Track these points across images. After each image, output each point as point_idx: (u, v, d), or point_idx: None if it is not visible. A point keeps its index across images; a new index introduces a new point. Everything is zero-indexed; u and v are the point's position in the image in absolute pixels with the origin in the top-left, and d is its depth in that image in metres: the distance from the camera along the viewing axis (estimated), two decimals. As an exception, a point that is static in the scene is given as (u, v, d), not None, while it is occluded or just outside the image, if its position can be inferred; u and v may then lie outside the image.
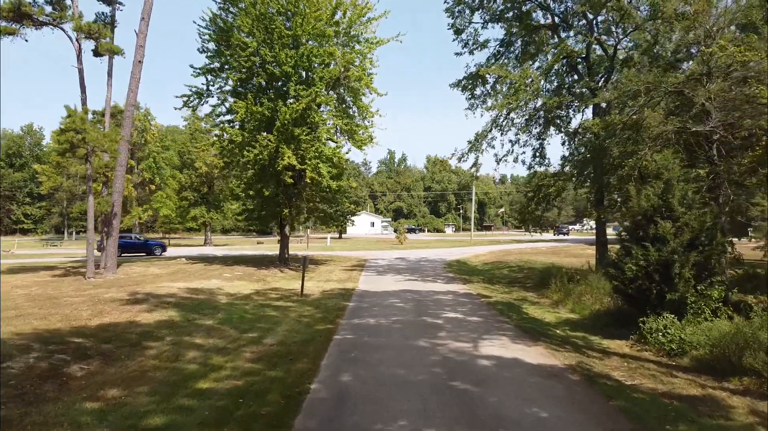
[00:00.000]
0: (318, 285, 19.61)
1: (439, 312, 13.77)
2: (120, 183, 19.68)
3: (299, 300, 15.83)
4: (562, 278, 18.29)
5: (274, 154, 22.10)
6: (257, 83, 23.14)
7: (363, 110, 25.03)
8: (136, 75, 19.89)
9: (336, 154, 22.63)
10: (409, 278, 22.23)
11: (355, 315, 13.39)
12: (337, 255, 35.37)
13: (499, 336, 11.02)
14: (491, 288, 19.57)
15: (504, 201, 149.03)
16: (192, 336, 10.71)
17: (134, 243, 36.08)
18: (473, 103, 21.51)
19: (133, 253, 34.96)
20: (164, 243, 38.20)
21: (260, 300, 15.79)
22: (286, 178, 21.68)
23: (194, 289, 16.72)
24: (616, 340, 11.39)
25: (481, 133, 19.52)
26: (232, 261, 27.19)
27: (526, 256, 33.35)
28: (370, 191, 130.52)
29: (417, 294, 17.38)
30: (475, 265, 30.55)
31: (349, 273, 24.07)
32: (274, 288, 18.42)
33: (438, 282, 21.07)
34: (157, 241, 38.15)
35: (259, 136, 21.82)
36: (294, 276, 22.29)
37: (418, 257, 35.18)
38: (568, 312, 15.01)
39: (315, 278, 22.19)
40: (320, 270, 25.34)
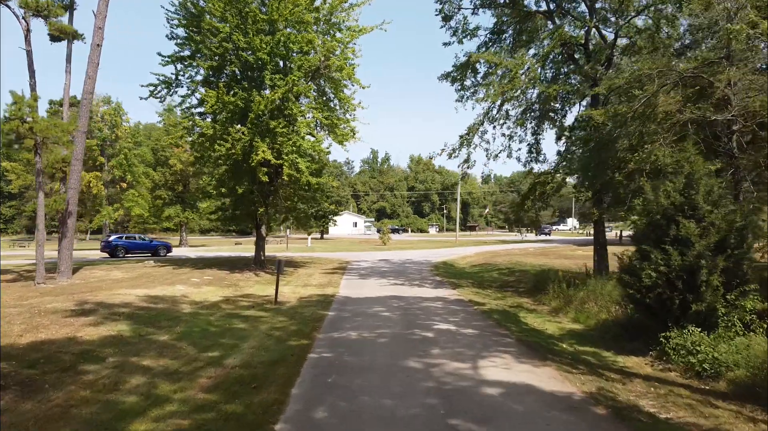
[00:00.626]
0: (295, 291, 17.99)
1: (430, 323, 12.27)
2: (76, 179, 17.81)
3: (273, 309, 14.20)
4: (560, 282, 16.97)
5: (248, 148, 20.40)
6: (230, 72, 21.42)
7: (344, 102, 23.48)
8: (94, 59, 18.05)
9: (316, 149, 21.02)
10: (394, 282, 20.71)
11: (335, 327, 11.83)
12: (317, 257, 33.72)
13: (500, 353, 9.55)
14: (483, 294, 18.15)
15: (488, 201, 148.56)
16: (140, 356, 9.04)
17: (138, 244, 35.22)
18: (463, 94, 20.08)
19: (138, 254, 34.20)
20: (169, 244, 37.08)
21: (228, 309, 14.12)
22: (260, 174, 20.00)
23: (155, 297, 14.97)
24: (632, 356, 10.02)
25: (473, 126, 18.07)
26: (204, 264, 25.39)
27: (515, 258, 32.08)
28: (353, 191, 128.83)
29: (403, 301, 15.87)
30: (463, 267, 29.16)
31: (330, 277, 22.47)
32: (246, 295, 16.75)
33: (425, 286, 19.59)
34: (162, 241, 37.09)
35: (231, 128, 20.10)
36: (270, 281, 20.62)
37: (402, 259, 33.70)
38: (571, 321, 13.64)
39: (292, 283, 20.56)
40: (299, 274, 23.69)
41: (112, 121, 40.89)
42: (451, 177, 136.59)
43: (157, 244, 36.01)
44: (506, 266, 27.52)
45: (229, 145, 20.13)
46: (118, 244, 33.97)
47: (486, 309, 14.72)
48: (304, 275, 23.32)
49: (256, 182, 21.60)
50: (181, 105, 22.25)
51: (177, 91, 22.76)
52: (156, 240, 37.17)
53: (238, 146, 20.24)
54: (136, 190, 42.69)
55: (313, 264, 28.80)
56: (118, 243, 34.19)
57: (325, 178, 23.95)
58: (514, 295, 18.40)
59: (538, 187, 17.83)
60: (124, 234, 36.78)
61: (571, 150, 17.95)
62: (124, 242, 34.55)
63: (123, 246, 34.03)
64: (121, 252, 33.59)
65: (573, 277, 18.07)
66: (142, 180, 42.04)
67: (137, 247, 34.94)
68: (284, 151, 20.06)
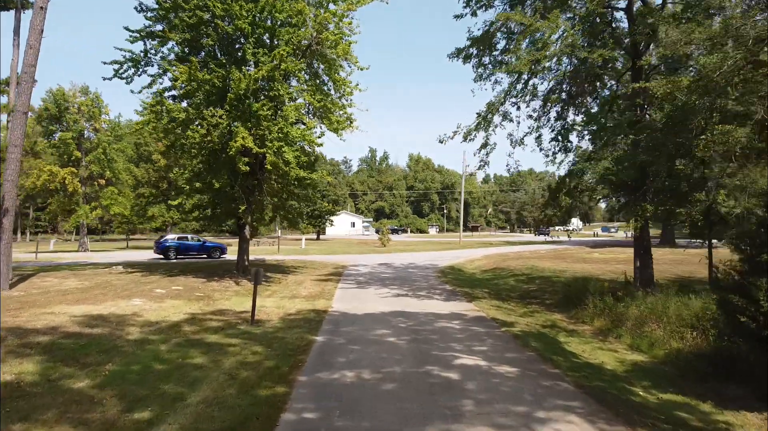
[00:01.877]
0: (280, 305, 14.95)
1: (450, 356, 9.24)
2: (13, 169, 14.68)
3: (247, 333, 11.16)
4: (601, 295, 14.00)
5: (226, 135, 17.37)
6: (207, 46, 18.35)
7: (340, 85, 20.45)
8: (37, 25, 14.97)
9: (306, 138, 17.96)
10: (397, 292, 17.68)
11: (324, 362, 8.79)
12: (311, 261, 30.65)
13: (562, 413, 6.51)
14: (505, 308, 15.13)
15: (488, 201, 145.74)
16: (28, 423, 5.99)
17: (190, 245, 33.50)
18: (482, 72, 17.05)
19: (191, 256, 32.79)
20: (224, 246, 35.17)
21: (190, 332, 11.06)
22: (240, 164, 16.94)
23: (97, 317, 11.89)
24: (746, 413, 7.05)
25: (494, 102, 15.04)
26: (180, 270, 22.32)
27: (529, 261, 29.07)
28: (351, 190, 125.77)
29: (412, 318, 12.85)
30: (473, 273, 26.15)
31: (323, 286, 19.42)
32: (218, 311, 13.70)
33: (435, 298, 16.56)
34: (215, 243, 35.34)
35: (206, 111, 17.03)
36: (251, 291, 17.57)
37: (404, 262, 30.64)
38: (629, 349, 10.64)
39: (278, 293, 17.51)
40: (287, 282, 20.63)
41: (89, 112, 37.73)
42: (451, 176, 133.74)
43: (210, 246, 34.02)
44: (522, 271, 24.51)
45: (204, 130, 17.10)
46: (169, 246, 32.35)
47: (517, 331, 11.68)
48: (293, 283, 20.26)
49: (237, 175, 18.57)
50: (151, 86, 19.14)
51: (146, 71, 19.67)
52: (209, 241, 35.39)
53: (215, 132, 17.22)
54: (116, 188, 39.53)
55: (306, 269, 25.73)
56: (170, 244, 32.58)
57: (318, 172, 20.87)
58: (542, 309, 15.40)
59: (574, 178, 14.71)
60: (177, 235, 35.54)
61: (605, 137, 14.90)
62: (175, 243, 32.93)
63: (174, 247, 32.42)
64: (173, 253, 31.95)
65: (610, 288, 15.13)
66: (123, 177, 38.88)
67: (189, 249, 33.21)
68: (268, 138, 17.01)
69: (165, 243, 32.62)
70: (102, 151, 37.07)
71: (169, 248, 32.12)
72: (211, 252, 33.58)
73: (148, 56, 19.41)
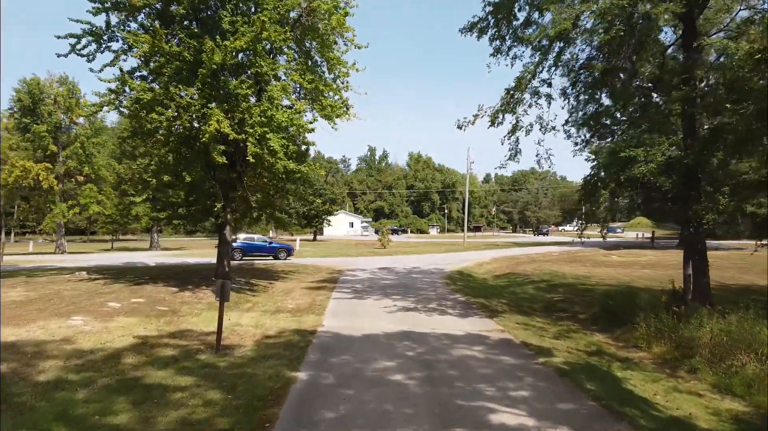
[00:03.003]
0: (259, 323, 12.26)
1: (481, 408, 6.55)
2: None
3: (207, 365, 8.48)
4: (655, 310, 11.35)
5: (199, 118, 14.70)
6: (177, 15, 15.63)
7: (334, 64, 17.74)
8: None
9: (294, 122, 15.21)
10: (402, 305, 14.99)
11: (302, 422, 6.09)
12: (304, 265, 27.93)
13: None
14: (534, 326, 12.44)
15: (488, 200, 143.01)
16: None
17: (256, 246, 32.72)
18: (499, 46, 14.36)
19: (257, 257, 32.08)
20: (291, 246, 34.71)
21: (131, 366, 8.36)
22: (215, 154, 14.25)
23: (10, 345, 9.17)
24: None
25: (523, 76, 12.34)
26: (151, 276, 19.61)
27: (544, 265, 26.40)
28: (349, 189, 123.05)
29: (422, 343, 10.17)
30: (485, 279, 23.45)
31: (314, 296, 16.72)
32: (178, 333, 11.00)
33: (448, 312, 13.85)
34: (282, 244, 34.80)
35: (173, 89, 14.32)
36: (229, 302, 14.89)
37: (407, 266, 27.92)
38: (713, 389, 7.98)
39: (261, 305, 14.83)
40: (273, 291, 17.93)
41: (66, 104, 34.95)
42: (452, 175, 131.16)
43: (277, 247, 33.14)
44: (539, 277, 21.83)
45: (172, 113, 14.41)
46: (234, 246, 30.67)
47: (559, 363, 8.99)
48: (280, 292, 17.56)
49: (214, 167, 15.91)
50: (114, 63, 16.38)
51: (110, 46, 16.94)
52: (276, 242, 34.76)
53: (185, 115, 14.54)
54: (96, 185, 36.66)
55: (297, 275, 23.03)
56: (236, 245, 31.17)
57: (309, 164, 18.14)
58: (577, 327, 12.74)
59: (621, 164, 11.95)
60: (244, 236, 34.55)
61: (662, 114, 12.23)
62: (241, 244, 31.91)
63: (240, 248, 31.56)
64: (239, 255, 31.16)
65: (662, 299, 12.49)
66: (104, 173, 36.05)
67: (255, 250, 32.39)
68: (248, 123, 14.32)
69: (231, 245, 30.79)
70: (80, 145, 34.28)
71: (234, 249, 30.48)
72: (278, 252, 32.43)
73: (111, 29, 16.70)
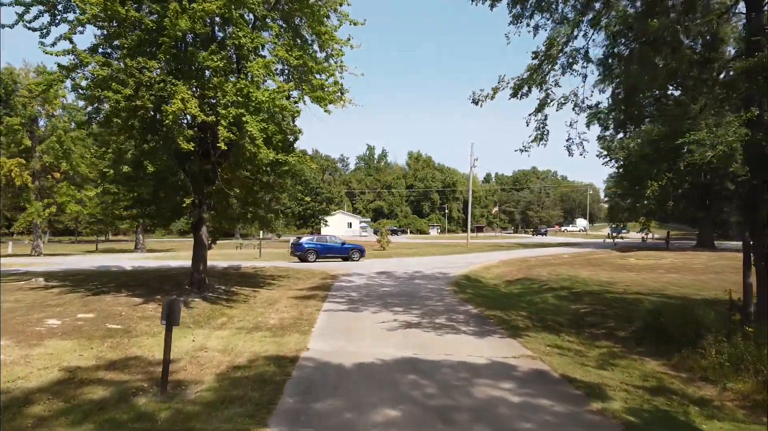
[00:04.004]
0: (228, 346, 9.89)
1: None
2: None
3: (142, 416, 6.17)
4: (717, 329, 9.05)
5: (164, 97, 12.32)
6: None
7: (326, 40, 15.41)
8: None
9: (276, 103, 12.79)
10: (405, 318, 12.62)
11: None
12: (296, 269, 25.54)
13: None
14: (568, 349, 10.08)
15: (489, 200, 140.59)
16: None
17: (330, 247, 32.04)
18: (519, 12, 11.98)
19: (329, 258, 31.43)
20: (363, 247, 33.75)
21: (31, 422, 6.01)
22: (180, 140, 11.87)
23: None
24: None
25: (556, 37, 9.97)
26: (117, 284, 17.22)
27: (560, 269, 24.05)
28: (348, 188, 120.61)
29: (432, 376, 7.83)
30: (496, 285, 21.09)
31: (302, 307, 14.34)
32: (121, 362, 8.62)
33: (461, 330, 11.47)
34: (354, 244, 33.84)
35: (130, 62, 11.93)
36: (200, 319, 12.54)
37: (408, 270, 25.52)
38: None
39: (236, 320, 12.45)
40: (256, 301, 15.56)
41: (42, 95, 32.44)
42: (453, 175, 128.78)
43: (349, 247, 32.35)
44: (557, 283, 19.47)
45: (129, 91, 12.04)
46: (308, 247, 30.82)
47: (620, 410, 6.64)
48: (263, 302, 15.19)
49: (186, 157, 13.56)
50: (69, 36, 13.94)
51: (67, 17, 14.54)
52: (348, 243, 34.01)
53: (146, 94, 12.17)
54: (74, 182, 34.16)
55: (286, 281, 20.66)
56: (309, 246, 31.08)
57: (297, 155, 15.71)
58: (620, 349, 10.42)
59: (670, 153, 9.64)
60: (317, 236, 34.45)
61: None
62: (315, 245, 31.50)
63: (314, 249, 30.95)
64: (312, 256, 30.51)
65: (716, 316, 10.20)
66: (83, 170, 33.60)
67: (329, 251, 31.69)
68: (221, 102, 11.96)
69: (304, 246, 30.78)
70: (56, 140, 31.84)
71: (308, 251, 30.43)
72: (351, 253, 31.75)
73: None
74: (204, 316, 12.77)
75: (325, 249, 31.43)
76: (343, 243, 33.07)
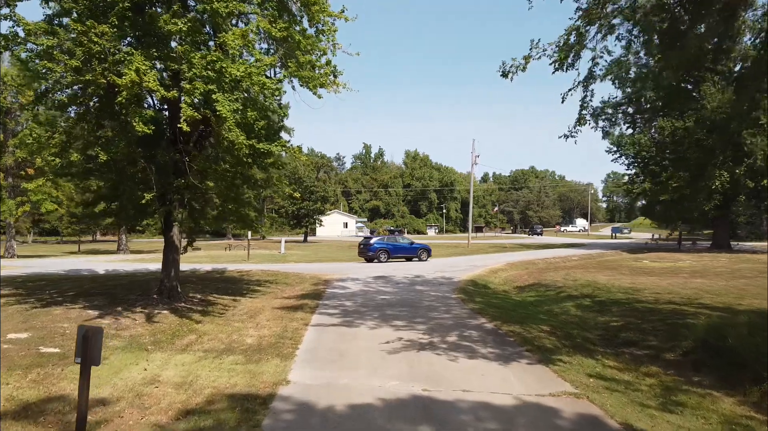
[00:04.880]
0: (188, 376, 7.82)
1: None
2: None
3: None
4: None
5: (119, 70, 10.24)
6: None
7: (316, 12, 13.32)
8: None
9: (253, 79, 10.70)
10: (409, 336, 10.57)
11: None
12: (286, 272, 23.45)
13: None
14: (616, 380, 8.04)
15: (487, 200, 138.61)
16: None
17: (401, 247, 31.67)
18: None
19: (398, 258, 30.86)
20: (429, 247, 33.02)
21: None
22: (135, 120, 9.79)
23: None
24: None
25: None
26: (77, 292, 15.13)
27: (573, 273, 22.04)
28: (344, 188, 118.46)
29: (451, 428, 5.80)
30: (506, 291, 19.09)
31: (288, 320, 12.27)
32: (38, 406, 6.53)
33: (477, 351, 9.39)
34: (423, 244, 33.30)
35: (77, 26, 9.84)
36: (162, 334, 10.47)
37: (408, 274, 23.45)
38: None
39: (207, 338, 10.39)
40: (235, 311, 13.48)
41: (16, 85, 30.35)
42: (450, 174, 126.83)
43: (418, 247, 31.86)
44: (576, 289, 17.47)
45: (77, 62, 9.97)
46: (379, 248, 30.20)
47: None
48: (243, 314, 13.12)
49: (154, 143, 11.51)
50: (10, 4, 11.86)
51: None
52: (416, 243, 33.43)
53: (99, 68, 10.09)
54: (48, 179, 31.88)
55: (274, 287, 18.61)
56: (381, 246, 30.48)
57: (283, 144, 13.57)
58: (673, 376, 8.44)
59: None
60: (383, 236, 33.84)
61: None
62: (386, 245, 30.90)
63: (385, 249, 30.33)
64: (383, 255, 29.90)
65: None
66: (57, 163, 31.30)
67: (399, 250, 31.13)
68: (186, 75, 9.90)
69: (375, 246, 30.08)
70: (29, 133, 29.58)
71: (379, 251, 29.78)
72: (420, 253, 31.17)
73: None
74: (168, 333, 10.70)
75: (396, 249, 30.86)
76: (411, 243, 32.58)
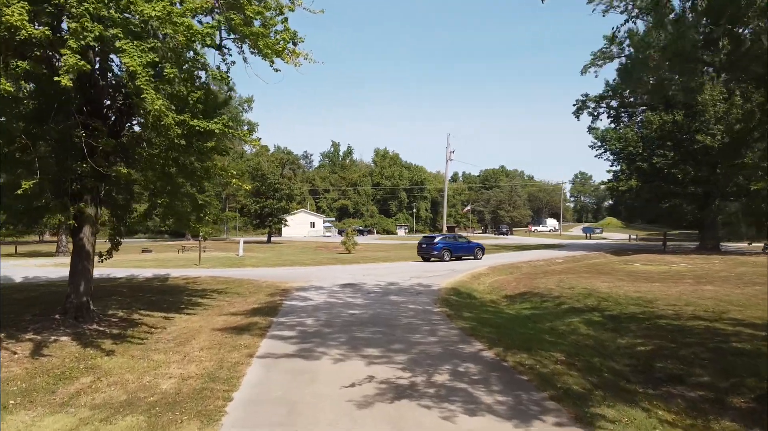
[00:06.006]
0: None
1: None
2: None
3: None
4: None
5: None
6: None
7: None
8: None
9: (174, 22, 7.81)
10: (385, 374, 7.84)
11: None
12: (240, 279, 20.40)
13: None
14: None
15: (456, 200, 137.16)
16: None
17: (461, 245, 32.39)
18: None
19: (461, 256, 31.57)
20: (483, 246, 33.70)
21: None
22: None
23: None
24: None
25: None
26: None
27: (567, 279, 19.76)
28: (311, 186, 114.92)
29: None
30: (494, 301, 16.59)
31: (227, 348, 9.38)
32: None
33: (483, 403, 6.72)
34: (477, 243, 33.96)
35: None
36: (46, 376, 7.48)
37: (380, 280, 20.71)
38: None
39: (107, 381, 7.42)
40: (163, 336, 10.50)
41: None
42: (421, 173, 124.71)
43: (474, 246, 32.66)
44: (577, 299, 15.11)
45: None
46: (443, 247, 30.80)
47: None
48: (170, 340, 10.17)
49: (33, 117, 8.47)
50: None
51: None
52: (472, 241, 34.07)
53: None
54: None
55: (221, 298, 15.64)
56: (444, 245, 31.02)
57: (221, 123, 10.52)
58: None
59: None
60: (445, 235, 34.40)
61: None
62: (447, 243, 31.54)
63: (448, 248, 31.00)
64: (447, 254, 30.49)
65: None
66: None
67: (459, 249, 31.79)
68: (70, 10, 6.95)
69: (439, 245, 30.61)
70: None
71: (443, 250, 30.45)
72: (476, 252, 31.93)
73: None
74: (54, 375, 7.71)
75: (456, 248, 31.44)
76: (468, 241, 33.32)
